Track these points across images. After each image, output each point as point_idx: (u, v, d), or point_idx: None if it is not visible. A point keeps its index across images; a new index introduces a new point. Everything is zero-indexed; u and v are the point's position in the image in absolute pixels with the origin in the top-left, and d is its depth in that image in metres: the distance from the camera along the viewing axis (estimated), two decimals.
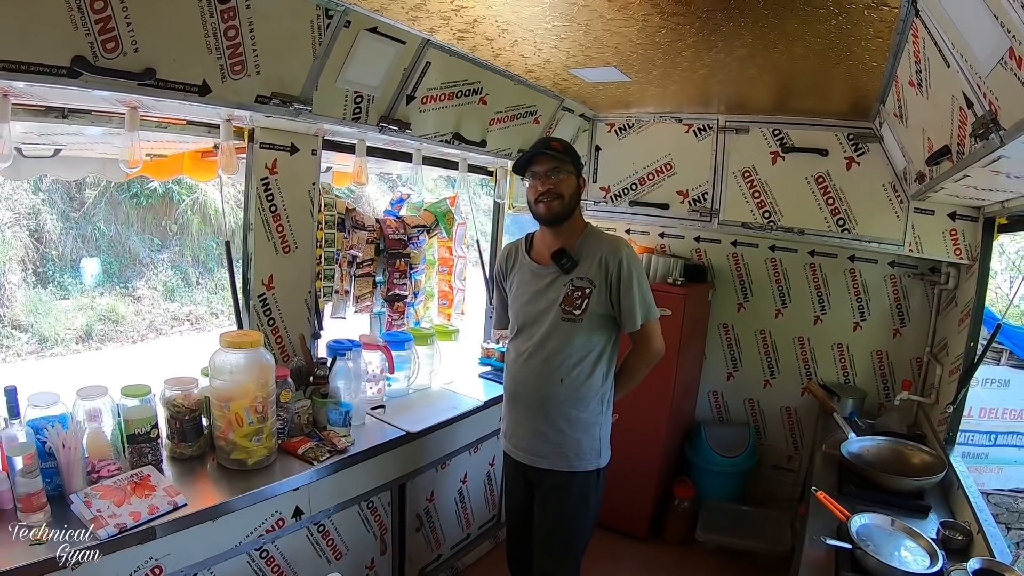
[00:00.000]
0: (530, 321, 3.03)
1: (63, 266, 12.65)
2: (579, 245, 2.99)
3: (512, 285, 3.18)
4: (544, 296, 2.99)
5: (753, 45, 2.95)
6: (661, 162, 4.86)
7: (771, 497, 5.26)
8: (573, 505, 3.01)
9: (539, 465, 3.01)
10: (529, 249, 3.15)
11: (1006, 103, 1.76)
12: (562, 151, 2.93)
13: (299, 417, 3.22)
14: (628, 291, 2.90)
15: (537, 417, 2.99)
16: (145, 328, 12.94)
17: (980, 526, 2.75)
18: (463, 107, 3.85)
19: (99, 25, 2.16)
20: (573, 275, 2.93)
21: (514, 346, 3.13)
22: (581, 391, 2.94)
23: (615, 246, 2.96)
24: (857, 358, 4.94)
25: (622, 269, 2.89)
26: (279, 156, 3.30)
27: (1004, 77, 1.68)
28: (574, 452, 2.95)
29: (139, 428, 2.66)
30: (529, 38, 3.12)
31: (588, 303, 2.89)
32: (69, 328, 11.93)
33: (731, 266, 5.29)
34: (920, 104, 2.75)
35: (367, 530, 3.42)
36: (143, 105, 2.64)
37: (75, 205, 13.00)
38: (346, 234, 3.91)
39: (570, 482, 2.98)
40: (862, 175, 4.26)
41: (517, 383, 3.07)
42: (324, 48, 2.88)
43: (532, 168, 2.95)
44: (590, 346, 2.93)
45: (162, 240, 13.99)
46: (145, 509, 2.36)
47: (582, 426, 2.96)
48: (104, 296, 12.83)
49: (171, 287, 13.67)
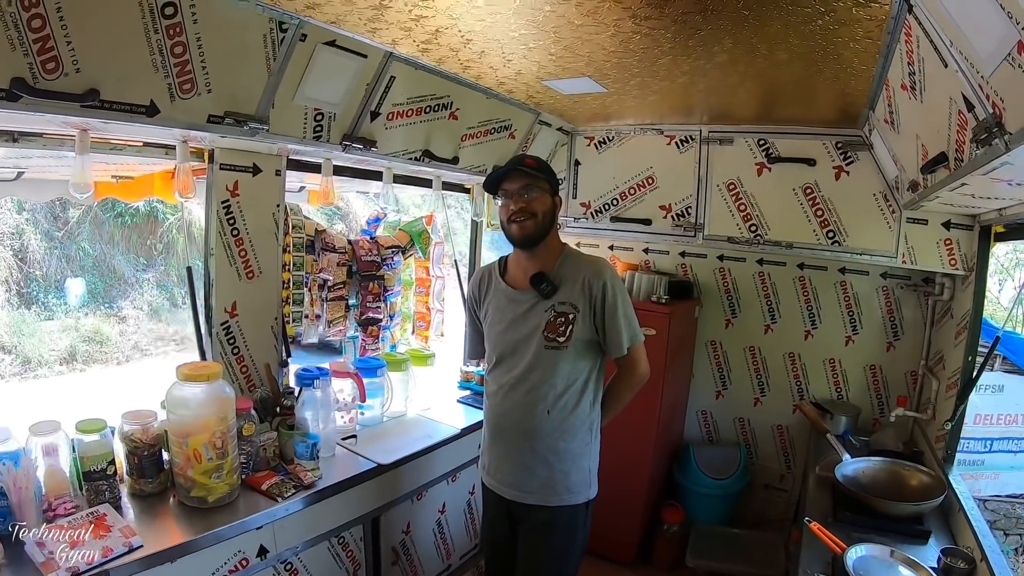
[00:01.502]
0: (510, 351, 2.87)
1: (47, 286, 12.61)
2: (558, 268, 2.85)
3: (487, 313, 3.02)
4: (524, 323, 2.83)
5: (734, 50, 2.83)
6: (643, 176, 4.77)
7: (763, 518, 5.15)
8: (561, 540, 2.86)
9: (526, 501, 2.86)
10: (503, 273, 3.00)
11: (1012, 104, 1.63)
12: (536, 168, 2.78)
13: (264, 450, 3.06)
14: (613, 315, 2.78)
15: (523, 451, 2.83)
16: (130, 349, 12.87)
17: (983, 552, 2.63)
18: (432, 123, 3.72)
19: (38, 45, 2.03)
20: (554, 300, 2.78)
21: (494, 378, 2.96)
22: (568, 421, 2.80)
23: (597, 268, 2.82)
24: (850, 373, 4.84)
25: (607, 292, 2.76)
26: (240, 177, 3.15)
27: (1010, 75, 1.54)
28: (563, 486, 2.81)
29: (95, 465, 2.52)
30: (496, 48, 3.00)
31: (572, 329, 2.75)
32: (53, 349, 11.88)
33: (718, 281, 5.19)
34: (913, 109, 2.63)
35: (339, 567, 3.27)
36: (93, 127, 2.50)
37: (59, 224, 12.97)
38: (315, 257, 3.78)
39: (558, 516, 2.83)
40: (852, 185, 4.17)
41: (499, 416, 2.91)
42: (279, 63, 2.74)
43: (504, 186, 2.81)
44: (576, 374, 2.79)
45: (147, 259, 13.98)
46: (99, 551, 2.22)
47: (570, 458, 2.81)
48: (89, 316, 12.79)
49: (156, 307, 13.64)
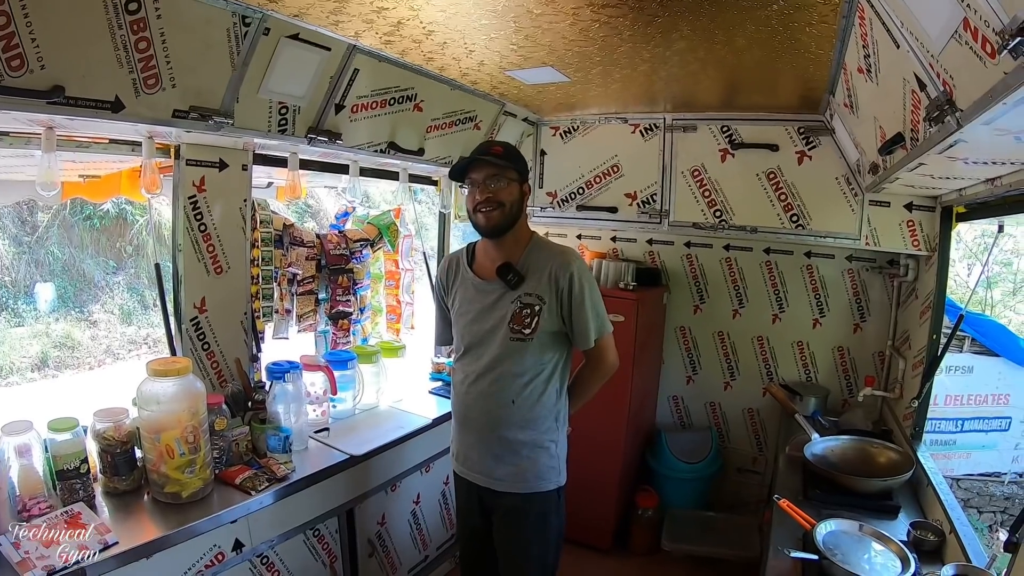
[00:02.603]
0: (476, 341, 2.86)
1: (16, 292, 12.44)
2: (525, 258, 2.82)
3: (455, 301, 2.99)
4: (490, 315, 2.81)
5: (692, 37, 2.85)
6: (608, 164, 4.80)
7: (738, 501, 5.20)
8: (533, 527, 2.86)
9: (496, 488, 2.86)
10: (471, 262, 2.97)
11: (962, 81, 1.66)
12: (503, 156, 2.73)
13: (237, 445, 3.06)
14: (580, 307, 2.75)
15: (490, 440, 2.83)
16: (102, 353, 12.73)
17: (952, 525, 2.68)
18: (397, 115, 3.73)
19: (2, 42, 2.03)
20: (520, 291, 2.76)
21: (461, 367, 2.95)
22: (534, 411, 2.79)
23: (565, 259, 2.79)
24: (818, 355, 4.89)
25: (573, 284, 2.73)
26: (207, 173, 3.14)
27: (958, 52, 1.58)
28: (532, 473, 2.81)
29: (68, 463, 2.51)
30: (458, 39, 3.01)
31: (538, 321, 2.73)
32: (24, 356, 11.72)
33: (685, 268, 5.22)
34: (870, 91, 2.68)
35: (315, 559, 3.29)
36: (58, 124, 2.50)
37: (27, 229, 12.80)
38: (284, 251, 3.78)
39: (529, 503, 2.83)
40: (814, 169, 4.22)
41: (467, 407, 2.90)
42: (243, 57, 2.75)
43: (470, 175, 2.77)
44: (541, 365, 2.78)
45: (117, 262, 13.82)
46: (75, 549, 2.22)
47: (537, 445, 2.80)
48: (59, 322, 12.63)
49: (128, 310, 13.49)
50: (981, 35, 1.42)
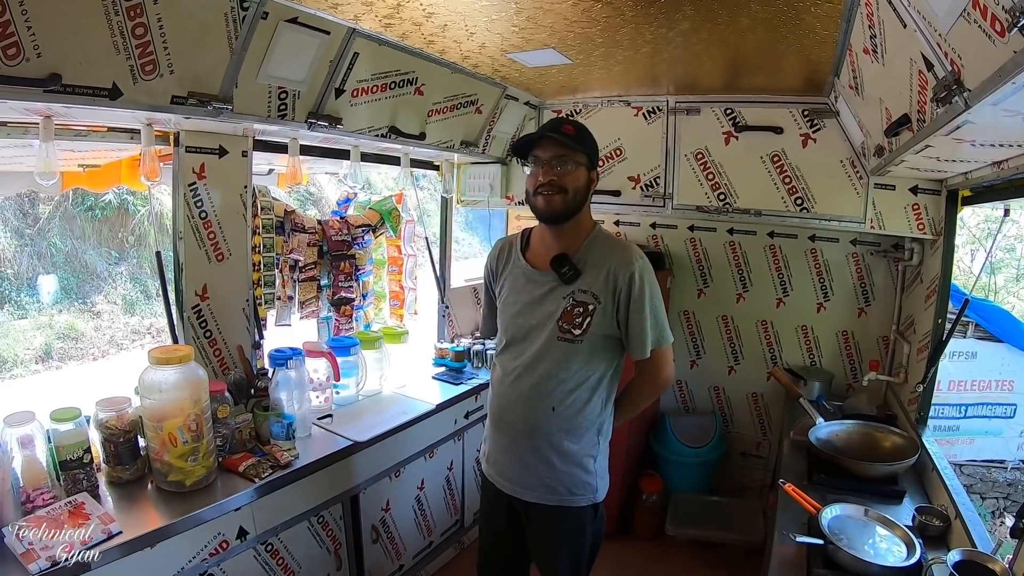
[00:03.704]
0: (520, 336, 2.65)
1: (19, 285, 12.41)
2: (584, 251, 2.60)
3: (502, 290, 2.78)
4: (539, 308, 2.60)
5: (695, 17, 2.80)
6: (611, 147, 4.75)
7: (741, 486, 5.21)
8: (568, 540, 2.68)
9: (525, 498, 2.66)
10: (525, 248, 2.76)
11: (970, 60, 1.63)
12: (575, 137, 2.52)
13: (240, 432, 3.06)
14: (639, 312, 2.53)
15: (524, 447, 2.63)
16: (106, 344, 12.71)
17: (957, 510, 2.66)
18: (398, 99, 3.69)
19: None
20: (575, 287, 2.55)
21: (501, 363, 2.75)
22: (575, 420, 2.57)
23: (627, 257, 2.57)
24: (822, 339, 4.89)
25: (633, 286, 2.51)
26: (207, 159, 3.14)
27: (967, 31, 1.54)
28: (566, 487, 2.60)
29: (71, 454, 2.51)
30: (459, 21, 2.98)
31: (590, 322, 2.52)
32: (28, 348, 11.71)
33: (689, 252, 5.22)
34: (876, 72, 2.63)
35: (319, 546, 3.30)
36: (56, 113, 2.49)
37: (29, 221, 12.77)
38: (286, 238, 3.76)
39: (564, 516, 2.64)
40: (819, 152, 4.18)
41: (502, 407, 2.70)
42: (241, 42, 2.72)
43: (535, 152, 2.55)
44: (589, 371, 2.56)
45: (119, 253, 13.79)
46: (78, 540, 2.22)
47: (575, 459, 2.60)
48: (63, 313, 12.61)
49: (131, 300, 13.47)
50: (990, 13, 1.39)
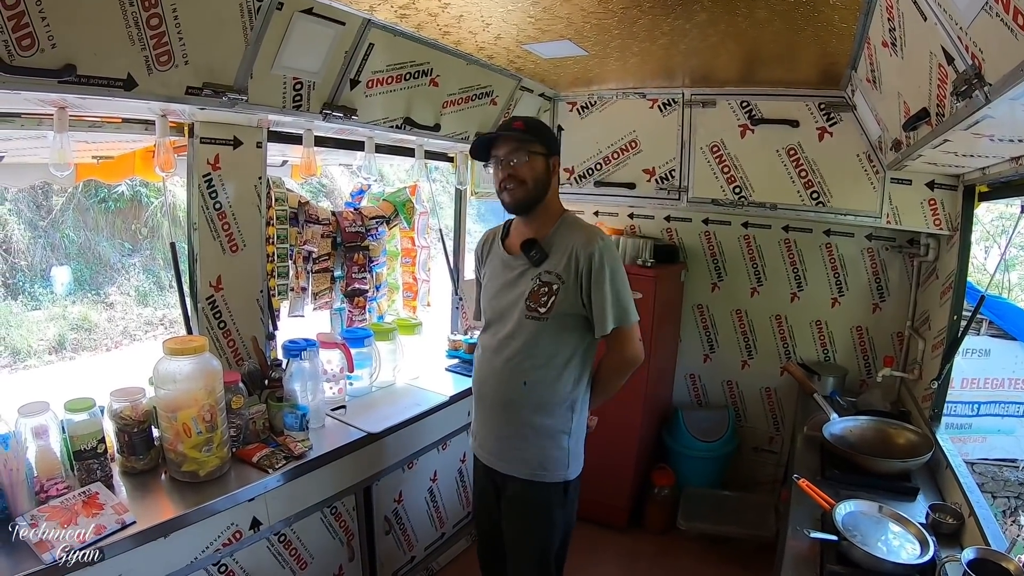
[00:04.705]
0: (496, 316, 2.82)
1: (33, 276, 12.47)
2: (552, 235, 2.74)
3: (485, 275, 2.97)
4: (512, 290, 2.76)
5: (713, 9, 2.80)
6: (626, 140, 4.74)
7: (753, 480, 5.21)
8: (535, 516, 2.79)
9: (502, 470, 2.81)
10: (505, 237, 2.93)
11: (991, 54, 1.61)
12: (525, 131, 2.67)
13: (254, 423, 3.07)
14: (599, 288, 2.63)
15: (500, 420, 2.80)
16: (119, 335, 12.76)
17: (971, 508, 2.64)
18: (413, 90, 3.69)
19: (12, 22, 2.00)
20: (541, 269, 2.69)
21: (481, 341, 2.93)
22: (546, 396, 2.71)
23: (589, 237, 2.68)
24: (836, 335, 4.87)
25: (593, 263, 2.62)
26: (221, 150, 3.13)
27: (988, 25, 1.53)
28: (537, 460, 2.73)
29: (85, 444, 2.51)
30: (475, 12, 2.97)
31: (555, 301, 2.65)
32: (41, 339, 11.76)
33: (703, 245, 5.20)
34: (895, 66, 2.61)
35: (332, 536, 3.30)
36: (70, 104, 2.48)
37: (42, 213, 12.82)
38: (299, 229, 3.77)
39: (531, 491, 2.76)
40: (835, 146, 4.16)
41: (481, 382, 2.87)
42: (256, 33, 2.71)
43: (493, 152, 2.73)
44: (557, 348, 2.69)
45: (132, 244, 13.84)
46: (92, 529, 2.22)
47: (547, 433, 2.72)
48: (76, 304, 12.66)
49: (143, 292, 13.52)
50: (1013, 6, 1.38)
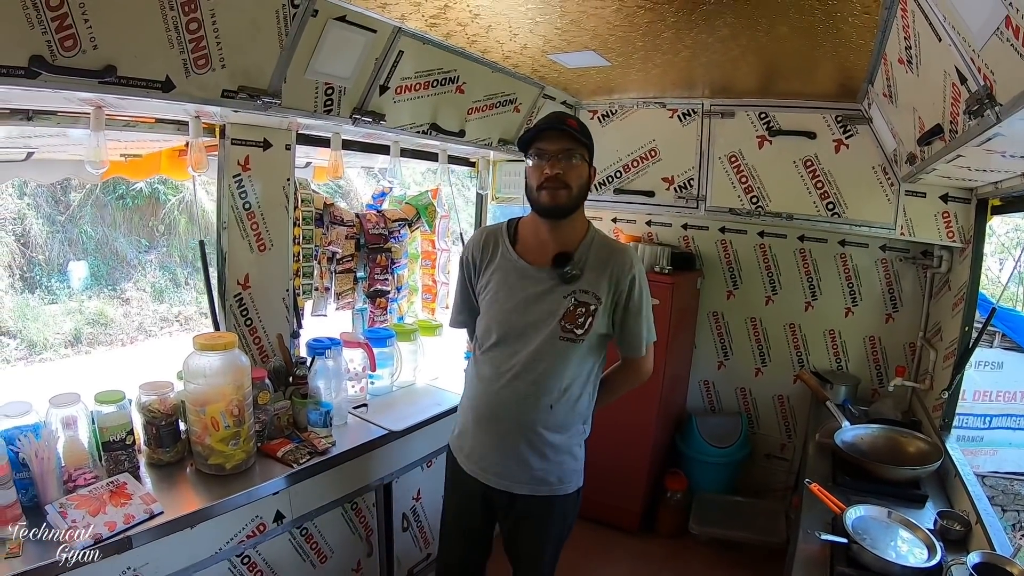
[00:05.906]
0: (515, 334, 2.55)
1: (50, 270, 12.59)
2: (583, 250, 2.57)
3: (488, 283, 2.67)
4: (538, 307, 2.53)
5: (735, 24, 2.86)
6: (645, 148, 4.79)
7: (765, 487, 5.23)
8: (555, 526, 2.70)
9: (515, 491, 2.62)
10: (514, 241, 2.67)
11: (1002, 76, 1.67)
12: (579, 131, 2.48)
13: (279, 419, 3.12)
14: (638, 315, 2.57)
15: (517, 443, 2.57)
16: (134, 330, 12.87)
17: (979, 516, 2.68)
18: (439, 96, 3.74)
19: (56, 23, 2.06)
20: (576, 287, 2.51)
21: (490, 360, 2.64)
22: (568, 416, 2.58)
23: (626, 259, 2.56)
24: (849, 344, 4.89)
25: (634, 290, 2.54)
26: (252, 152, 3.19)
27: (1000, 49, 1.59)
28: (556, 477, 2.61)
29: (114, 435, 2.57)
30: (503, 23, 3.03)
31: (592, 322, 2.50)
32: (58, 333, 11.87)
33: (720, 253, 5.23)
34: (910, 82, 2.66)
35: (352, 532, 3.35)
36: (108, 104, 2.55)
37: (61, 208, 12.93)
38: (324, 230, 3.82)
39: (552, 505, 2.64)
40: (851, 158, 4.20)
41: (493, 405, 2.61)
42: (291, 39, 2.77)
43: (539, 144, 2.48)
44: (581, 368, 2.55)
45: (149, 241, 13.96)
46: (121, 518, 2.28)
47: (565, 449, 2.61)
48: (92, 299, 12.77)
49: (159, 288, 13.62)
50: (1023, 33, 1.44)
